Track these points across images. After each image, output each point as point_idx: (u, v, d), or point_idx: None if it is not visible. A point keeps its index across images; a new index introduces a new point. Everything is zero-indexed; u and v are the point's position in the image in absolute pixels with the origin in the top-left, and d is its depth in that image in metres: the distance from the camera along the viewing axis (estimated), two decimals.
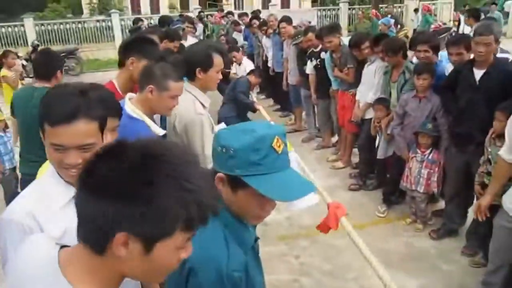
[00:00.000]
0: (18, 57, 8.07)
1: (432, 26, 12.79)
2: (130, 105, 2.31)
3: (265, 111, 5.50)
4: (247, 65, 7.08)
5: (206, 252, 1.17)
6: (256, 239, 1.40)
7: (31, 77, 12.50)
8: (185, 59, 2.63)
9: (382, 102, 4.50)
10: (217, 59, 2.59)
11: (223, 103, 5.96)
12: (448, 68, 3.85)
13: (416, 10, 16.41)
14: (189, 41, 6.51)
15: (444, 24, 13.69)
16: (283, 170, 1.22)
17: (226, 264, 1.18)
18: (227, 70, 6.23)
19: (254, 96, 5.93)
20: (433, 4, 20.04)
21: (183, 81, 2.40)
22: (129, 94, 2.42)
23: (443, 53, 4.11)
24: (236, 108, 5.66)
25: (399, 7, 19.98)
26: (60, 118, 1.31)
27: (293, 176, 1.25)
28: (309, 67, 6.03)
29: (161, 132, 2.36)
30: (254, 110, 5.67)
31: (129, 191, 0.82)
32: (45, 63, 3.32)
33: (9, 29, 17.71)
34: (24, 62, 11.39)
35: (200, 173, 0.90)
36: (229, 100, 5.78)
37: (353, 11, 20.16)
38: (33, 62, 3.39)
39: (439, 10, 19.43)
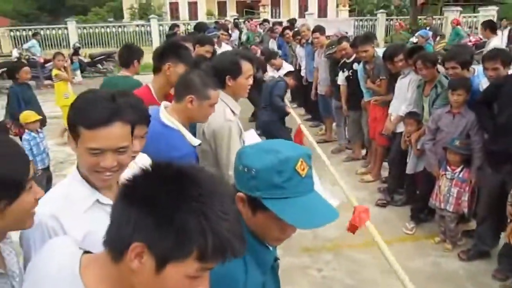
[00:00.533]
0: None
1: (473, 39, 12.44)
2: (166, 114, 2.29)
3: (295, 113, 5.44)
4: (286, 67, 6.97)
5: (224, 270, 1.13)
6: (276, 259, 1.36)
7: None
8: (214, 68, 2.65)
9: (413, 116, 4.41)
10: (246, 66, 2.60)
11: (261, 108, 5.90)
12: (483, 83, 3.72)
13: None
14: (223, 48, 6.59)
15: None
16: (306, 194, 1.17)
17: (244, 283, 1.16)
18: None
19: (286, 100, 5.88)
20: (475, 17, 19.55)
21: (219, 88, 2.39)
22: (164, 103, 2.42)
23: (480, 68, 4.00)
24: (276, 113, 5.61)
25: (439, 19, 19.58)
26: (99, 120, 1.33)
27: (316, 201, 1.19)
28: (341, 78, 5.98)
29: (196, 142, 2.33)
30: (286, 114, 5.62)
31: (154, 201, 0.85)
32: (126, 54, 3.96)
33: (53, 31, 18.47)
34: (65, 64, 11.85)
35: (229, 208, 0.88)
36: (267, 105, 5.70)
37: (391, 22, 19.89)
38: (118, 54, 4.21)
39: (481, 23, 18.89)
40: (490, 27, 7.69)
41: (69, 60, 9.59)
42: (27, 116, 4.80)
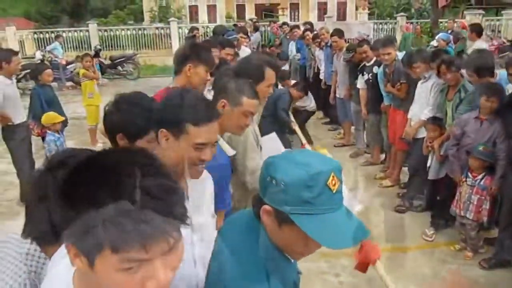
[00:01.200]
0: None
1: (496, 43, 12.21)
2: None
3: (301, 132, 5.22)
4: None
5: (247, 286, 1.13)
6: (298, 272, 1.34)
7: None
8: (237, 71, 2.63)
9: (435, 122, 4.33)
10: (269, 73, 2.58)
11: (262, 117, 5.71)
12: (509, 88, 3.64)
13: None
14: (242, 51, 6.61)
15: (509, 41, 13.02)
16: (336, 210, 1.11)
17: None
18: None
19: (291, 115, 5.72)
20: (498, 20, 19.19)
21: (257, 99, 2.29)
22: None
23: (503, 73, 3.92)
24: (276, 123, 5.48)
25: (460, 22, 19.25)
26: (208, 118, 1.47)
27: (346, 219, 1.13)
28: (360, 82, 5.94)
29: (231, 152, 2.27)
30: (290, 130, 5.39)
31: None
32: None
33: (75, 33, 18.79)
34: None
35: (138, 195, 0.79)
36: (269, 115, 5.52)
37: (411, 25, 19.65)
38: None
39: (504, 27, 18.53)
40: (476, 31, 8.14)
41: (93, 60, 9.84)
42: (50, 117, 4.88)
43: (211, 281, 1.24)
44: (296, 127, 5.31)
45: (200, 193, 1.68)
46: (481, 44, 7.64)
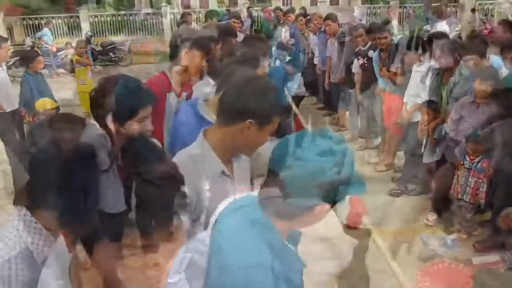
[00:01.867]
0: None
1: (489, 27, 12.21)
2: (205, 108, 2.15)
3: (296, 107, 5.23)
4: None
5: (252, 278, 1.10)
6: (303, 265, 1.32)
7: None
8: (235, 59, 2.61)
9: (430, 106, 4.32)
10: (263, 63, 2.58)
11: None
12: (503, 72, 3.64)
13: (473, 11, 15.65)
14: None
15: None
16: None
17: None
18: None
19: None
20: (491, 3, 19.15)
21: None
22: (204, 96, 2.32)
23: (495, 58, 3.92)
24: None
25: (453, 6, 19.16)
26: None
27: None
28: (355, 66, 5.91)
29: None
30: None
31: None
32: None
33: (65, 19, 18.50)
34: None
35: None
36: None
37: (404, 10, 19.55)
38: None
39: (497, 10, 18.49)
40: (438, 13, 8.72)
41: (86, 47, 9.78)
42: (44, 103, 4.85)
43: (213, 281, 1.18)
44: (293, 105, 5.27)
45: (244, 167, 1.83)
46: (442, 26, 7.75)
